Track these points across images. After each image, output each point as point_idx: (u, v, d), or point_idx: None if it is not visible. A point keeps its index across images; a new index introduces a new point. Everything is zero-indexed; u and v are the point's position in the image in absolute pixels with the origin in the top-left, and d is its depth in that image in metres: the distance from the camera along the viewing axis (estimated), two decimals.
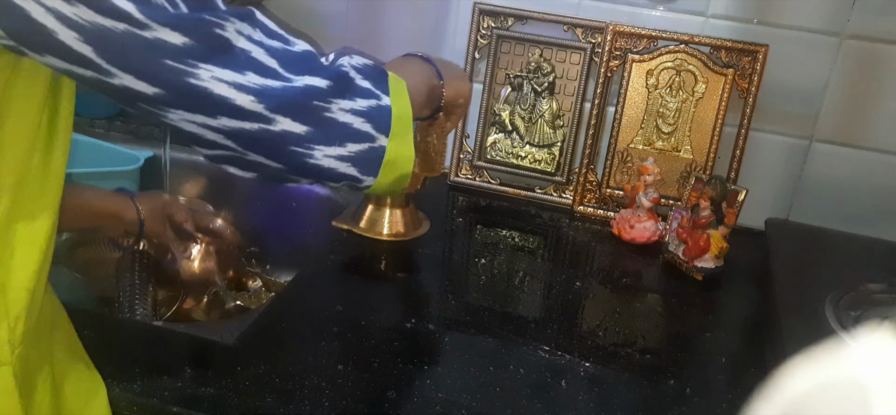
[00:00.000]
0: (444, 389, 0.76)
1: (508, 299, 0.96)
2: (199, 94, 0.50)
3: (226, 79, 0.51)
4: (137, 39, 0.47)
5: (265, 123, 0.54)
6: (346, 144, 0.58)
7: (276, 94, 0.53)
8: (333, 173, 0.59)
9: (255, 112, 0.53)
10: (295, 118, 0.55)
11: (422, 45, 1.25)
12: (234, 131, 0.53)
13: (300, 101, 0.55)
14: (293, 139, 0.55)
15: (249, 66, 0.52)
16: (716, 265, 1.04)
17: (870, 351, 0.35)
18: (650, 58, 1.16)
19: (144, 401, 0.70)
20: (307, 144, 0.56)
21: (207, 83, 0.50)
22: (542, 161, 1.24)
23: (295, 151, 0.56)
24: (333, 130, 0.57)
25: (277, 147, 0.55)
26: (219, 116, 0.52)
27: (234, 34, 0.52)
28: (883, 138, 1.13)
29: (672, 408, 0.77)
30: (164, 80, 0.49)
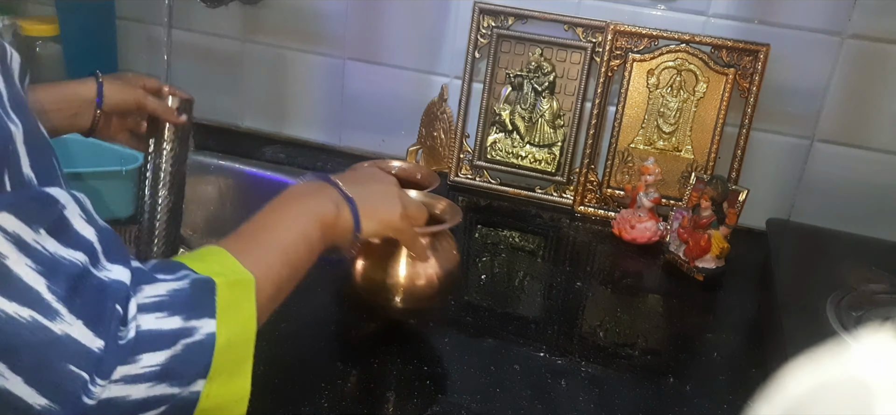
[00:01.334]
0: (444, 389, 0.76)
1: (509, 300, 0.96)
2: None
3: None
4: None
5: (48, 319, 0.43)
6: (123, 362, 0.45)
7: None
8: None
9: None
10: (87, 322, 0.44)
11: (422, 44, 1.26)
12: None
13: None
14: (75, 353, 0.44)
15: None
16: (717, 265, 1.03)
17: (871, 352, 0.35)
18: (651, 57, 1.16)
19: None
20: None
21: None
22: (542, 161, 1.24)
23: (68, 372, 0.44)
24: (119, 349, 0.45)
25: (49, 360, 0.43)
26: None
27: None
28: (884, 138, 1.13)
29: (673, 408, 0.77)
30: None
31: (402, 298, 0.80)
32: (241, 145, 1.33)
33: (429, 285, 0.80)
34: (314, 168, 1.29)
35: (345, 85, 1.32)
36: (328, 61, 1.31)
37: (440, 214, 0.86)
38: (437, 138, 1.28)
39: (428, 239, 0.80)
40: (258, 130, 1.39)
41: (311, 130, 1.37)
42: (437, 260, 0.80)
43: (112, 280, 0.46)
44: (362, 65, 1.30)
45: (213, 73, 1.37)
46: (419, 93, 1.29)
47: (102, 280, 0.45)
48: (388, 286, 0.80)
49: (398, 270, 0.79)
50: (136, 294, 0.46)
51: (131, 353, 0.45)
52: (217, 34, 1.34)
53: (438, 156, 1.29)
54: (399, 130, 1.32)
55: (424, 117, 1.30)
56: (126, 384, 0.44)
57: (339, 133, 1.36)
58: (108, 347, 0.44)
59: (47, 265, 0.43)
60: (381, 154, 1.33)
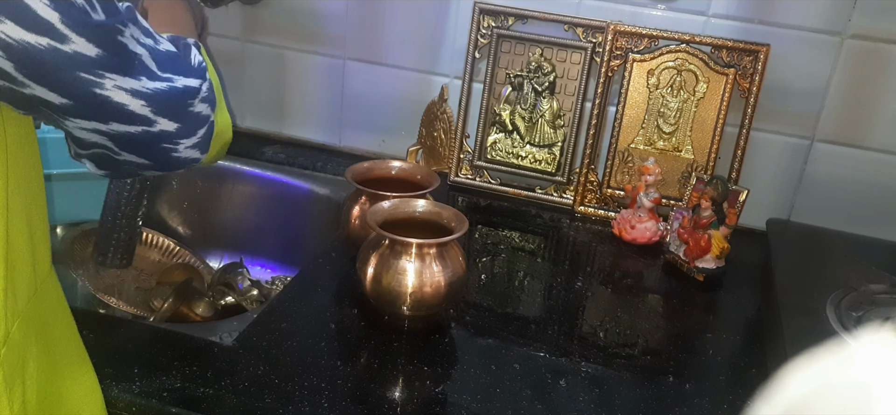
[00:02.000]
0: (444, 389, 0.76)
1: (509, 300, 0.96)
2: (101, 103, 0.52)
3: (125, 86, 0.53)
4: (58, 54, 0.48)
5: (147, 125, 0.56)
6: (197, 132, 0.60)
7: (161, 96, 0.55)
8: (186, 161, 0.61)
9: (143, 115, 0.55)
10: (171, 118, 0.57)
11: (422, 44, 1.26)
12: (118, 135, 0.55)
13: (180, 101, 0.58)
14: (166, 137, 0.58)
15: (143, 71, 0.54)
16: (717, 266, 1.03)
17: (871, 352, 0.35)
18: (651, 57, 1.16)
19: (144, 401, 0.69)
20: (176, 139, 0.58)
21: (109, 92, 0.52)
22: (542, 161, 1.24)
23: (164, 148, 0.58)
24: (193, 122, 0.60)
25: (152, 146, 0.57)
26: (111, 122, 0.54)
27: (130, 39, 0.53)
28: (884, 138, 1.13)
29: (673, 408, 0.77)
30: (74, 91, 0.50)
31: (409, 305, 0.81)
32: (241, 145, 1.32)
33: (436, 293, 0.82)
34: (314, 168, 1.29)
35: (345, 85, 1.32)
36: (328, 61, 1.31)
37: (447, 223, 0.87)
38: (438, 138, 1.28)
39: (435, 248, 0.81)
40: (258, 129, 1.39)
41: (311, 130, 1.37)
42: (444, 269, 0.81)
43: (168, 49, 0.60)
44: (362, 65, 1.30)
45: None
46: (419, 93, 1.29)
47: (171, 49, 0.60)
48: (397, 294, 0.81)
49: (407, 279, 0.80)
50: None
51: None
52: (217, 34, 1.34)
53: (438, 156, 1.29)
54: (399, 130, 1.32)
55: (424, 117, 1.30)
56: (201, 103, 0.60)
57: (339, 133, 1.36)
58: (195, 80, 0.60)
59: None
60: (382, 154, 1.33)
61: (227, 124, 0.67)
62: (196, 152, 0.61)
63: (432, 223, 0.88)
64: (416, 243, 0.81)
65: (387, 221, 0.86)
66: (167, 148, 0.58)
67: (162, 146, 0.58)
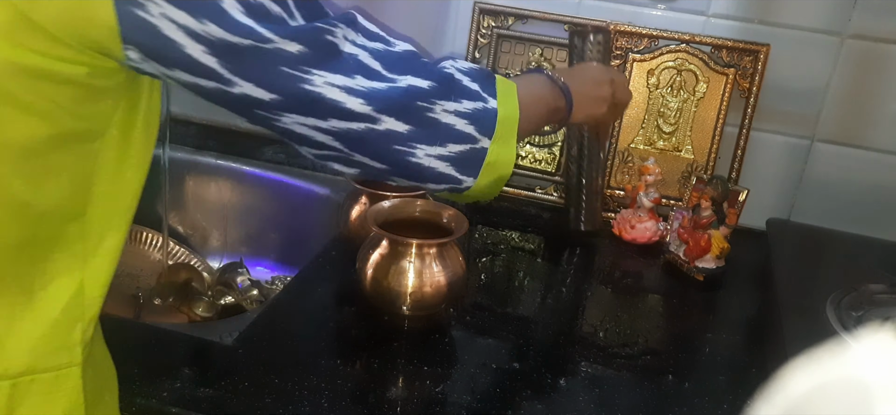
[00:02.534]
0: (444, 389, 0.76)
1: (509, 300, 0.96)
2: (313, 99, 0.53)
3: (337, 83, 0.54)
4: (259, 51, 0.50)
5: (371, 123, 0.56)
6: (446, 145, 0.60)
7: (381, 95, 0.56)
8: (433, 173, 0.60)
9: (363, 113, 0.55)
10: (398, 117, 0.57)
11: (422, 44, 1.26)
12: (342, 132, 0.56)
13: (404, 100, 0.57)
14: (396, 138, 0.57)
15: (357, 70, 0.55)
16: (717, 266, 1.03)
17: (871, 352, 0.35)
18: (651, 57, 1.16)
19: (144, 401, 0.69)
20: (409, 143, 0.58)
21: (321, 88, 0.53)
22: (542, 161, 1.24)
23: (397, 151, 0.58)
24: (436, 130, 0.59)
25: (382, 147, 0.58)
26: (329, 119, 0.55)
27: (342, 39, 0.54)
28: (884, 138, 1.13)
29: (673, 408, 0.77)
30: (281, 86, 0.52)
31: (409, 305, 0.81)
32: (242, 145, 1.32)
33: (436, 293, 0.82)
34: (314, 168, 1.29)
35: None
36: None
37: (446, 223, 0.87)
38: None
39: (435, 248, 0.81)
40: (259, 130, 1.39)
41: None
42: (444, 269, 0.82)
43: (408, 48, 0.61)
44: None
45: None
46: None
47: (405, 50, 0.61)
48: (397, 294, 0.81)
49: (407, 279, 0.80)
50: (453, 60, 0.64)
51: (454, 90, 0.61)
52: None
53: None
54: None
55: None
56: (454, 116, 0.60)
57: None
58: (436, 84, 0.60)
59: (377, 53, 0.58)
60: None
61: (508, 161, 0.64)
62: (449, 168, 0.60)
63: (432, 223, 0.88)
64: (416, 243, 0.81)
65: (387, 222, 0.86)
66: (400, 151, 0.58)
67: (393, 147, 0.58)
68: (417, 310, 0.83)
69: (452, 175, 0.61)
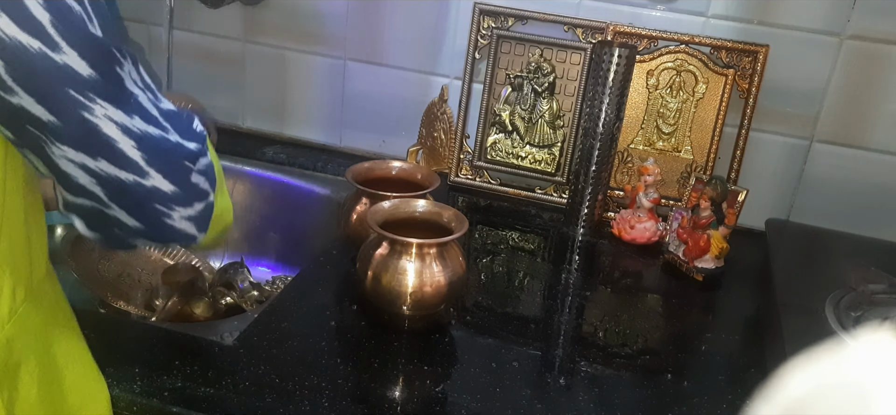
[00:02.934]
0: (444, 388, 0.76)
1: (509, 299, 0.96)
2: (89, 131, 0.50)
3: (116, 119, 0.51)
4: (48, 62, 0.47)
5: (140, 176, 0.54)
6: (194, 205, 0.58)
7: (154, 144, 0.54)
8: (181, 234, 0.59)
9: (134, 161, 0.53)
10: (165, 175, 0.55)
11: (422, 45, 1.26)
12: (108, 178, 0.53)
13: (174, 157, 0.55)
14: (159, 197, 0.55)
15: (137, 111, 0.53)
16: (716, 266, 1.04)
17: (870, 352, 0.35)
18: (650, 58, 1.16)
19: (144, 401, 0.70)
20: (170, 203, 0.56)
21: (99, 120, 0.50)
22: (542, 161, 1.24)
23: (157, 210, 0.56)
24: (190, 191, 0.57)
25: (143, 203, 0.55)
26: (99, 158, 0.52)
27: (128, 76, 0.52)
28: (883, 138, 1.13)
29: (672, 408, 0.77)
30: (63, 108, 0.49)
31: (410, 305, 0.82)
32: (242, 146, 1.33)
33: (437, 293, 0.82)
34: (315, 168, 1.29)
35: (345, 85, 1.33)
36: (329, 62, 1.32)
37: (447, 223, 0.87)
38: (438, 139, 1.28)
39: (435, 248, 0.81)
40: (259, 130, 1.40)
41: (311, 131, 1.37)
42: (444, 269, 0.82)
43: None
44: (363, 65, 1.30)
45: (214, 74, 1.37)
46: (419, 93, 1.29)
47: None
48: (397, 294, 0.81)
49: (407, 279, 0.81)
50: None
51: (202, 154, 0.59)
52: (218, 35, 1.34)
53: (439, 156, 1.29)
54: (399, 131, 1.32)
55: (425, 118, 1.30)
56: (199, 175, 0.58)
57: (339, 134, 1.36)
58: (197, 144, 0.58)
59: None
60: (382, 155, 1.34)
61: (228, 208, 0.65)
62: (192, 228, 0.59)
63: (432, 223, 0.88)
64: (416, 243, 0.81)
65: (387, 222, 0.86)
66: (160, 211, 0.56)
67: (154, 206, 0.55)
68: (418, 310, 0.83)
69: (193, 233, 0.60)
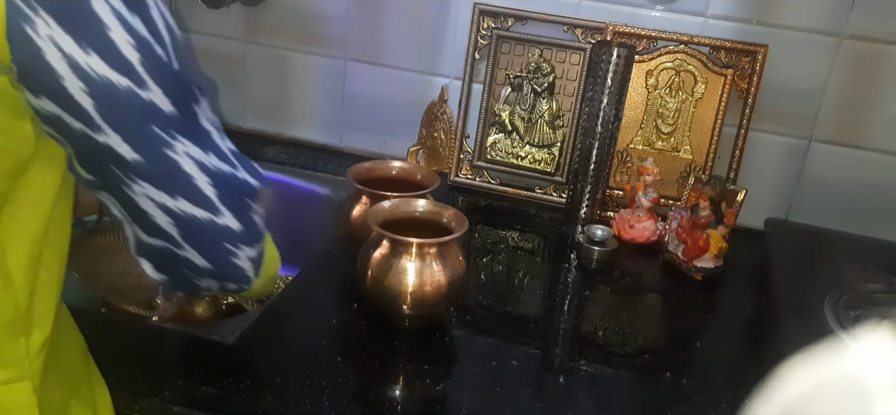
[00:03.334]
0: (444, 388, 0.76)
1: (508, 299, 0.96)
2: (170, 168, 0.51)
3: (194, 155, 0.51)
4: (134, 99, 0.47)
5: (213, 214, 0.54)
6: (254, 244, 0.58)
7: (226, 181, 0.54)
8: (242, 274, 0.58)
9: (208, 198, 0.53)
10: (235, 213, 0.55)
11: (422, 46, 1.26)
12: (186, 218, 0.53)
13: (240, 193, 0.55)
14: (230, 236, 0.55)
15: (211, 147, 0.53)
16: (715, 265, 1.04)
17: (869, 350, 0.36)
18: (650, 58, 1.16)
19: (144, 401, 0.70)
20: (238, 243, 0.56)
21: (179, 157, 0.51)
22: (541, 161, 1.25)
23: (226, 249, 0.56)
24: (253, 230, 0.57)
25: (215, 242, 0.55)
26: (178, 197, 0.52)
27: (202, 112, 0.52)
28: (882, 138, 1.13)
29: (671, 407, 0.77)
30: (146, 146, 0.49)
31: (410, 305, 0.82)
32: (243, 146, 1.31)
33: (437, 292, 0.82)
34: (315, 168, 1.29)
35: (346, 86, 1.33)
36: (329, 62, 1.32)
37: (447, 223, 0.87)
38: (438, 139, 1.28)
39: (435, 247, 0.82)
40: (260, 130, 1.40)
41: (312, 131, 1.37)
42: (444, 268, 0.82)
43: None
44: (363, 66, 1.31)
45: (214, 74, 1.37)
46: (419, 94, 1.29)
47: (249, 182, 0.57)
48: (398, 294, 0.81)
49: (407, 279, 0.81)
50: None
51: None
52: (219, 35, 1.34)
53: (439, 156, 1.29)
54: (399, 131, 1.32)
55: (425, 118, 1.30)
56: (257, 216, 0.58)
57: (340, 134, 1.36)
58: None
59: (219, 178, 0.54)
60: (382, 154, 1.34)
61: (275, 257, 0.64)
62: (251, 269, 0.58)
63: (432, 223, 0.88)
64: (416, 243, 0.81)
65: (387, 221, 0.86)
66: (229, 249, 0.56)
67: (224, 245, 0.55)
68: (418, 309, 0.83)
69: (249, 276, 0.58)
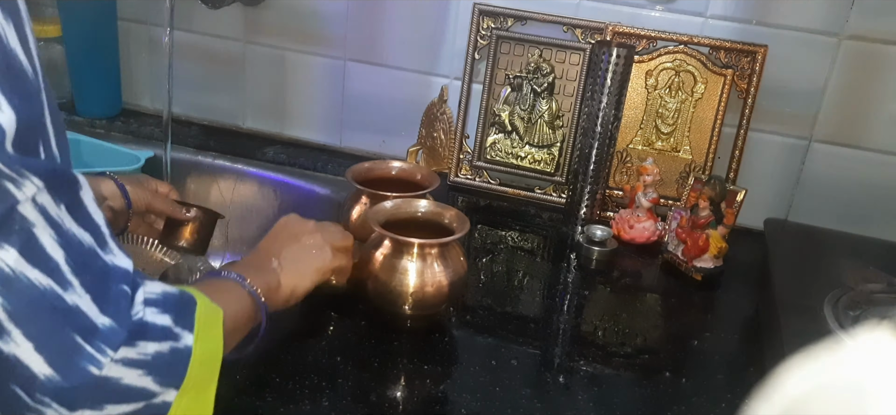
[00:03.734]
0: (443, 388, 0.76)
1: (508, 299, 0.96)
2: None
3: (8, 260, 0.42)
4: None
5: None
6: (136, 343, 0.47)
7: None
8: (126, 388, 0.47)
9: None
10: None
11: (422, 46, 1.26)
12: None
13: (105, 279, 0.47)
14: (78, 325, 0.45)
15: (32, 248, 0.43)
16: (715, 265, 1.04)
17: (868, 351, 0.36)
18: (649, 58, 1.16)
19: None
20: (94, 336, 0.46)
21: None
22: (541, 161, 1.25)
23: (74, 341, 0.45)
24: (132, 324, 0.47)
25: (59, 326, 0.45)
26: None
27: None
28: (881, 138, 1.14)
29: (671, 407, 0.77)
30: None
31: (411, 305, 0.82)
32: (243, 146, 1.33)
33: (438, 293, 0.82)
34: (315, 168, 1.29)
35: (345, 86, 1.33)
36: (329, 62, 1.32)
37: (448, 224, 0.87)
38: (437, 139, 1.28)
39: (437, 248, 0.82)
40: (259, 130, 1.40)
41: (311, 131, 1.37)
42: (445, 269, 0.82)
43: (115, 265, 0.48)
44: (363, 66, 1.31)
45: (214, 74, 1.38)
46: (419, 94, 1.29)
47: (107, 263, 0.47)
48: (399, 294, 0.81)
49: (408, 279, 0.81)
50: (142, 285, 0.49)
51: (135, 336, 0.47)
52: (218, 35, 1.34)
53: (438, 156, 1.29)
54: (399, 131, 1.32)
55: (424, 118, 1.30)
56: (123, 367, 0.46)
57: (339, 134, 1.37)
58: (115, 324, 0.46)
59: (66, 239, 0.45)
60: (382, 155, 1.34)
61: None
62: (144, 377, 0.48)
63: (434, 223, 0.88)
64: (418, 243, 0.81)
65: (389, 221, 0.86)
66: (78, 344, 0.45)
67: (72, 335, 0.45)
68: (419, 310, 0.83)
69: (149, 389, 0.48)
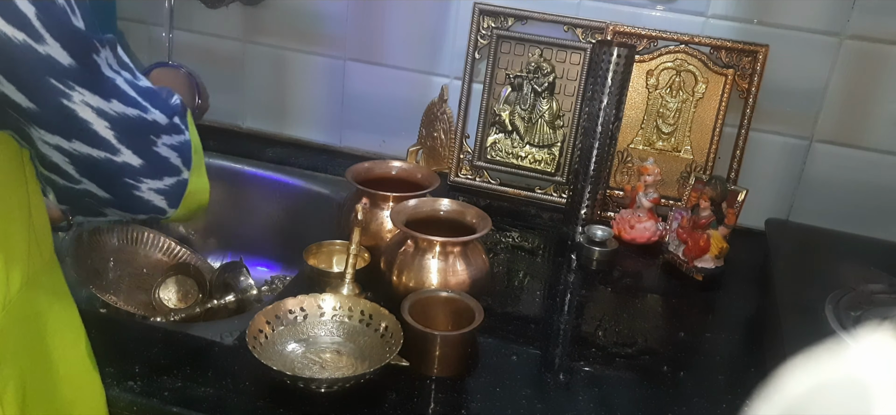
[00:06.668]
0: (444, 389, 0.76)
1: (508, 299, 0.96)
2: (66, 116, 0.52)
3: (92, 103, 0.53)
4: (31, 54, 0.48)
5: (111, 153, 0.55)
6: (164, 178, 0.60)
7: (129, 123, 0.55)
8: (150, 206, 0.60)
9: (106, 140, 0.55)
10: (136, 151, 0.57)
11: (422, 45, 1.26)
12: (80, 157, 0.55)
13: (147, 133, 0.57)
14: (129, 171, 0.57)
15: (114, 94, 0.54)
16: (716, 265, 1.04)
17: (869, 351, 0.36)
18: (650, 58, 1.16)
19: (144, 400, 0.70)
20: (139, 176, 0.58)
21: (76, 106, 0.52)
22: (542, 161, 1.24)
23: (126, 184, 0.58)
24: (159, 165, 0.59)
25: (114, 178, 0.57)
26: (73, 140, 0.54)
27: (104, 62, 0.54)
28: (883, 138, 1.13)
29: (672, 407, 0.77)
30: (43, 97, 0.50)
31: None
32: (243, 146, 1.33)
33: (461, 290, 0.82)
34: (315, 168, 1.29)
35: (345, 86, 1.33)
36: (329, 62, 1.32)
37: (470, 223, 0.88)
38: (438, 139, 1.28)
39: (459, 246, 0.82)
40: (259, 130, 1.40)
41: (311, 131, 1.37)
42: (468, 267, 0.82)
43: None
44: (363, 66, 1.30)
45: (214, 74, 1.37)
46: (419, 93, 1.29)
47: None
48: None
49: (431, 278, 0.81)
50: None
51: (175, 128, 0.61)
52: (218, 35, 1.34)
53: (439, 156, 1.29)
54: (399, 131, 1.32)
55: (424, 118, 1.30)
56: (170, 150, 0.60)
57: (339, 134, 1.36)
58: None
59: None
60: (382, 155, 1.34)
61: (204, 188, 0.67)
62: (162, 201, 0.60)
63: (455, 222, 0.89)
64: (440, 242, 0.82)
65: (411, 220, 0.87)
66: (129, 184, 0.58)
67: (124, 180, 0.57)
68: None
69: (162, 207, 0.61)
